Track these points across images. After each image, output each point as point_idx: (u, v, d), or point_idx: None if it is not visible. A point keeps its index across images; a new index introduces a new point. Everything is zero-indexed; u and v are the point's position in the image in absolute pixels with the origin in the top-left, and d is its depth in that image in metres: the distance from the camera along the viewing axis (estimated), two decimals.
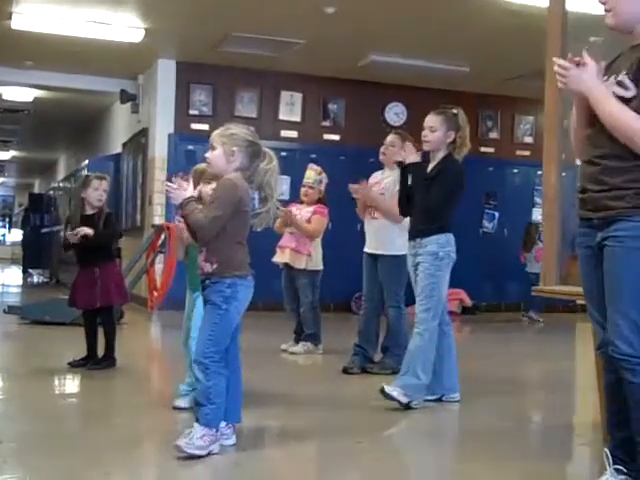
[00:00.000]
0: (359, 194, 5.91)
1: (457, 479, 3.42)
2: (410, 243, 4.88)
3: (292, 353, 6.90)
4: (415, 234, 4.84)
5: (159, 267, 8.25)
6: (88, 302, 5.87)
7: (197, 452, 3.44)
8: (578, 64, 2.82)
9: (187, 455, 3.41)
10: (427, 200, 4.76)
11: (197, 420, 3.52)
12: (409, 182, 4.93)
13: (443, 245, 4.72)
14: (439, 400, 4.86)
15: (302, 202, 7.11)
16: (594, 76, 2.83)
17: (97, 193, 5.82)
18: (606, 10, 2.90)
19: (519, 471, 3.59)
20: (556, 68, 2.87)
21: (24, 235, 21.57)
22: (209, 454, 3.47)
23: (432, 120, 4.85)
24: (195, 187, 3.99)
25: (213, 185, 4.09)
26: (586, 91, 2.84)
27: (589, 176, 2.92)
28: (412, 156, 4.93)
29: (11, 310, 9.07)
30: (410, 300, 5.21)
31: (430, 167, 4.86)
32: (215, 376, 3.51)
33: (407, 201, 4.99)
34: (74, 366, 5.74)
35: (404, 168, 4.99)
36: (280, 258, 6.97)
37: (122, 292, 6.04)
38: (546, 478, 3.50)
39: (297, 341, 7.03)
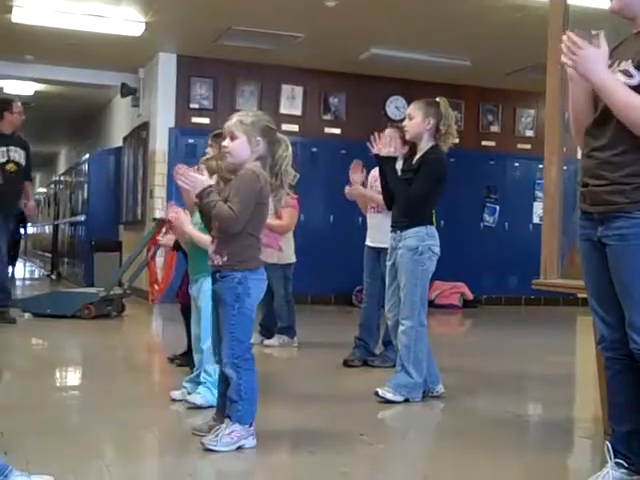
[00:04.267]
0: (353, 196, 5.88)
1: (458, 472, 3.42)
2: (391, 235, 4.81)
3: (267, 346, 6.85)
4: (395, 227, 4.77)
5: (160, 260, 8.27)
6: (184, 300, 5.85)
7: (223, 449, 3.44)
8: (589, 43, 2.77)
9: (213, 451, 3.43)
10: (408, 192, 4.68)
11: (228, 417, 3.51)
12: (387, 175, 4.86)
13: (423, 238, 4.64)
14: (425, 394, 4.81)
15: None
16: (604, 61, 2.78)
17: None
18: None
19: (520, 464, 3.60)
20: (566, 43, 2.77)
21: None
22: (239, 449, 3.47)
23: (410, 108, 4.78)
24: None
25: (212, 180, 4.08)
26: (593, 73, 2.76)
27: (588, 170, 2.92)
28: (385, 149, 4.86)
29: (12, 303, 9.08)
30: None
31: (415, 159, 4.77)
32: (246, 373, 3.50)
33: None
34: (177, 364, 5.58)
35: (380, 161, 4.88)
36: None
37: None
38: (547, 471, 3.50)
39: (262, 334, 6.97)
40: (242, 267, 3.51)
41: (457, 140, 4.79)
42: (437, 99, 4.77)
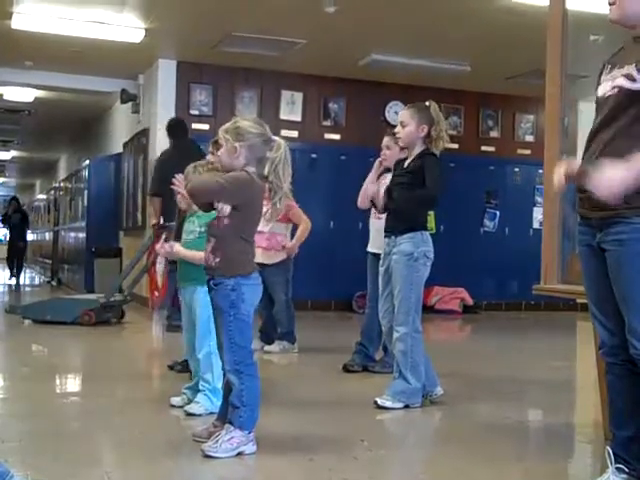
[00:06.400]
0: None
1: (459, 478, 3.41)
2: (385, 240, 4.82)
3: (267, 352, 6.84)
4: (390, 231, 4.77)
5: (160, 267, 8.26)
6: None
7: (223, 455, 3.44)
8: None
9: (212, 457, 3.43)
10: (422, 195, 4.66)
11: (230, 422, 3.51)
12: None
13: (418, 244, 4.63)
14: (424, 398, 4.78)
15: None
16: (613, 169, 2.71)
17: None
18: (610, 3, 2.89)
19: (520, 470, 3.59)
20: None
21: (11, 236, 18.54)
22: (239, 455, 3.48)
23: (403, 115, 4.76)
24: None
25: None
26: (620, 184, 2.70)
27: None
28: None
29: (12, 309, 9.08)
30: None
31: (407, 163, 4.78)
32: (248, 379, 3.51)
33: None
34: (177, 371, 5.49)
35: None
36: None
37: None
38: (547, 477, 3.50)
39: (262, 340, 6.97)
40: (234, 273, 3.52)
41: (452, 144, 4.79)
42: (427, 103, 4.77)
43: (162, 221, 7.91)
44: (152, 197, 8.27)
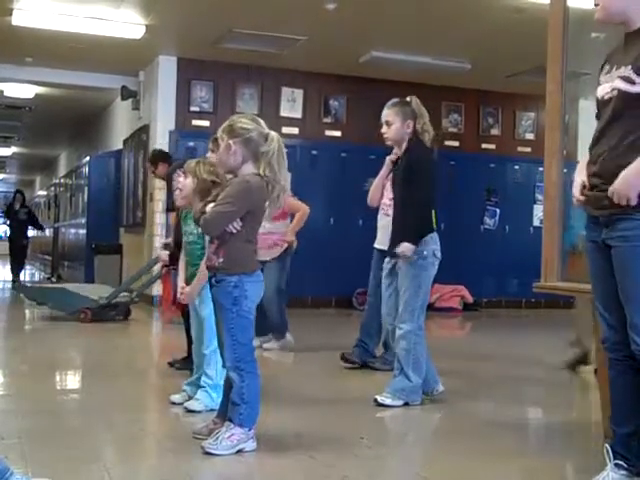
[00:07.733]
0: None
1: (458, 475, 3.41)
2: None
3: (267, 349, 6.82)
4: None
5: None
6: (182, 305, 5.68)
7: (223, 452, 3.45)
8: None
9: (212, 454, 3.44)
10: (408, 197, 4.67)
11: (230, 420, 3.52)
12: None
13: (427, 243, 4.63)
14: (426, 395, 4.80)
15: None
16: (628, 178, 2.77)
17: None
18: (595, 4, 2.92)
19: (520, 466, 3.59)
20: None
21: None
22: (239, 452, 3.49)
23: (387, 114, 4.78)
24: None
25: (189, 180, 4.14)
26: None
27: (595, 172, 2.92)
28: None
29: (15, 286, 9.06)
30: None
31: (400, 160, 4.81)
32: (248, 376, 3.52)
33: None
34: (177, 368, 5.52)
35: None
36: None
37: None
38: (547, 474, 3.50)
39: (255, 334, 6.92)
40: (238, 271, 3.52)
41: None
42: (408, 99, 4.78)
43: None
44: (168, 213, 8.09)
